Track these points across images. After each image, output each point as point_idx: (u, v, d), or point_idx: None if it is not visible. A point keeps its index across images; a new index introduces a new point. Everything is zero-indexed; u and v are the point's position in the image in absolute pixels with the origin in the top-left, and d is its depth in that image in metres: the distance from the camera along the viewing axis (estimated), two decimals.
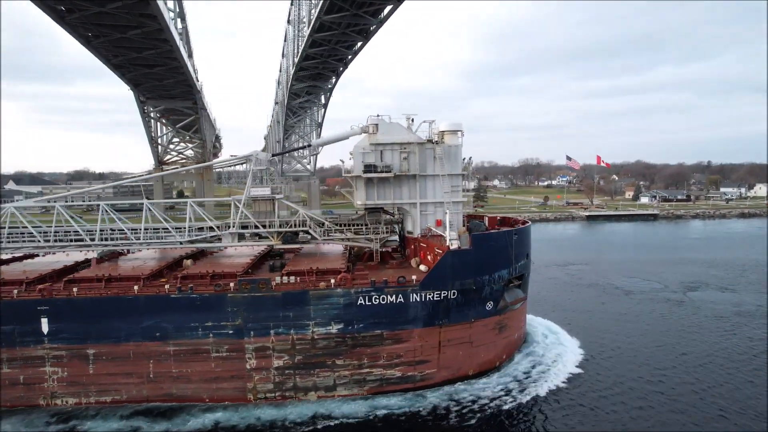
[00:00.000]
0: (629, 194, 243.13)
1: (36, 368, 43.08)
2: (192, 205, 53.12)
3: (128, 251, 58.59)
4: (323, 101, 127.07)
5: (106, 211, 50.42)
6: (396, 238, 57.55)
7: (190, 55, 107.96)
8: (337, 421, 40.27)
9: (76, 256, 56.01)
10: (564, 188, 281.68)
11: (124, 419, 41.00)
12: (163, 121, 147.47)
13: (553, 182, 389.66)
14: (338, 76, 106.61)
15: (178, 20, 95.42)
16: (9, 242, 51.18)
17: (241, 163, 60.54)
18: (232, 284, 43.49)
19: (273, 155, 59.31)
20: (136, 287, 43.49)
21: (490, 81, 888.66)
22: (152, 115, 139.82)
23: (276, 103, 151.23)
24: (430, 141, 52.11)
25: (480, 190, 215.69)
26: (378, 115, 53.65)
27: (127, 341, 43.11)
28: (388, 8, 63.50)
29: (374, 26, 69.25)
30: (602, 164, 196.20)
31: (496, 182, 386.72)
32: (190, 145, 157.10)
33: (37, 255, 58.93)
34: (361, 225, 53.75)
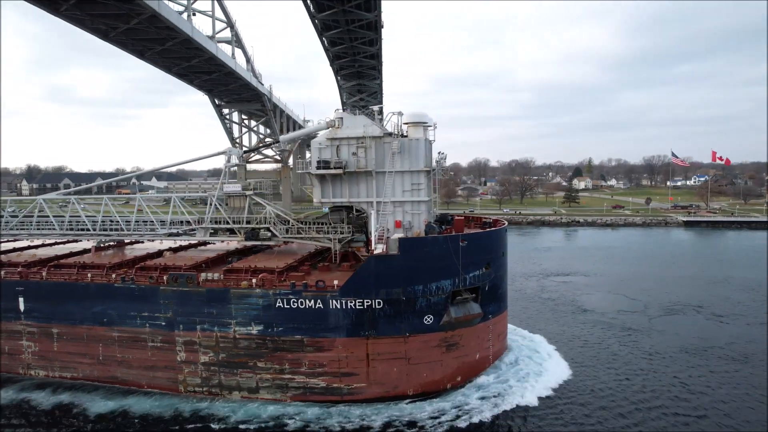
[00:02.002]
0: None
1: (16, 341, 48.97)
2: (176, 200, 55.78)
3: (147, 241, 63.32)
4: (378, 99, 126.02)
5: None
6: (364, 238, 54.11)
7: (248, 60, 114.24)
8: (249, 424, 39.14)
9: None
10: (696, 189, 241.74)
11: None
12: (251, 124, 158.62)
13: (689, 182, 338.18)
14: (380, 73, 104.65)
15: (228, 29, 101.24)
16: (36, 230, 58.69)
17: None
18: (165, 277, 44.60)
19: (244, 152, 59.87)
20: (89, 275, 46.92)
21: (641, 71, 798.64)
22: (234, 118, 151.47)
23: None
24: (389, 134, 47.86)
25: (571, 190, 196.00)
26: (345, 109, 51.03)
27: (81, 324, 46.80)
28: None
29: (374, 20, 66.17)
30: (717, 161, 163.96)
31: (613, 182, 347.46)
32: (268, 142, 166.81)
33: (80, 240, 66.99)
34: (324, 224, 51.47)
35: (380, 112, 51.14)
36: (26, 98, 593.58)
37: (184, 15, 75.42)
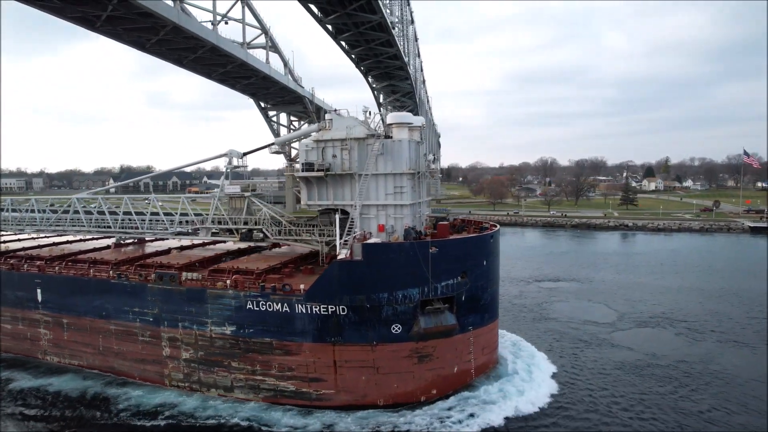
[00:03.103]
0: None
1: (35, 328, 53.59)
2: (184, 201, 58.32)
3: (170, 238, 66.66)
4: (417, 100, 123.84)
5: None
6: None
7: (285, 64, 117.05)
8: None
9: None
10: None
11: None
12: (300, 125, 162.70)
13: None
14: (409, 73, 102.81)
15: (262, 35, 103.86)
16: (71, 226, 63.87)
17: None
18: (153, 275, 46.60)
19: (243, 154, 61.14)
20: (92, 270, 50.21)
21: (745, 60, 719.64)
22: (282, 120, 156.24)
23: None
24: (371, 136, 46.66)
25: (629, 191, 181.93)
26: (336, 110, 50.82)
27: (85, 316, 50.23)
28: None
29: (380, 21, 64.93)
30: None
31: (689, 183, 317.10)
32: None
33: (112, 237, 72.19)
34: (314, 226, 51.33)
35: (370, 113, 50.13)
36: (131, 104, 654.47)
37: (215, 24, 78.65)
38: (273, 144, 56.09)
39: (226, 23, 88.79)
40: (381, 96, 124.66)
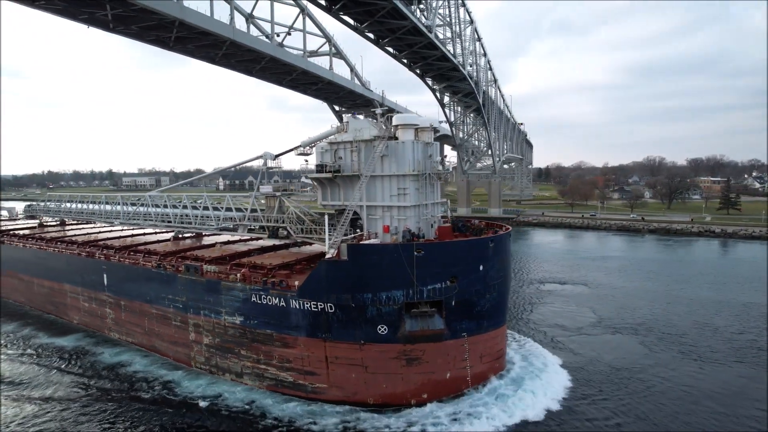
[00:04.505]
0: None
1: (103, 308, 62.23)
2: (228, 200, 63.82)
3: (228, 234, 73.04)
4: (481, 100, 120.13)
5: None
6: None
7: (351, 69, 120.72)
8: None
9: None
10: None
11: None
12: None
13: None
14: (462, 74, 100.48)
15: (327, 44, 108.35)
16: (144, 220, 73.16)
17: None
18: (183, 266, 51.75)
19: (275, 156, 64.25)
20: (142, 260, 57.02)
21: None
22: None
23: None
24: (377, 137, 47.16)
25: (730, 191, 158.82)
26: (352, 114, 52.40)
27: (135, 299, 57.25)
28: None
29: (412, 27, 64.93)
30: None
31: None
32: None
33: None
34: (332, 225, 53.12)
35: (383, 114, 50.69)
36: (256, 109, 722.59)
37: (272, 36, 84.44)
38: (300, 146, 58.79)
39: (290, 34, 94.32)
40: (445, 97, 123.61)
